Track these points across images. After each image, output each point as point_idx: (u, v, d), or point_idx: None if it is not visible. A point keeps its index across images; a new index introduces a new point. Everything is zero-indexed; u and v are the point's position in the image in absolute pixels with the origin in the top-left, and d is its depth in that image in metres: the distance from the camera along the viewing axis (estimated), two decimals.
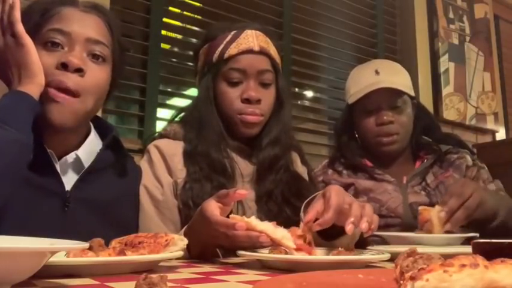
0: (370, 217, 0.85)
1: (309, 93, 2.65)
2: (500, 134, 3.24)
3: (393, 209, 1.40)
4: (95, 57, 0.94)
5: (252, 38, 1.17)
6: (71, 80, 0.89)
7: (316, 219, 0.85)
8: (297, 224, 1.01)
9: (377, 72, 1.44)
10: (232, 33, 1.18)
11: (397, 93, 1.43)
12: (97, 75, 0.94)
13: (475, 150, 1.56)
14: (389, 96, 1.42)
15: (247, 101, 1.15)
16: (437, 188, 1.43)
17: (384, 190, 1.43)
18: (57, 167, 0.94)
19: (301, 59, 2.46)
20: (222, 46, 1.16)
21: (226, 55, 1.16)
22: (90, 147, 1.00)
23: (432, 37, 2.96)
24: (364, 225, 0.83)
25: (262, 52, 1.17)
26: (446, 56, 2.98)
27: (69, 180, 0.95)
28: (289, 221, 1.07)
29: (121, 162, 1.06)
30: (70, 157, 0.96)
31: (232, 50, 1.15)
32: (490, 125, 3.16)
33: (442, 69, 2.92)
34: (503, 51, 3.46)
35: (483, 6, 3.34)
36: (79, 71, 0.90)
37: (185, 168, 1.12)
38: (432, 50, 2.94)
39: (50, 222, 0.90)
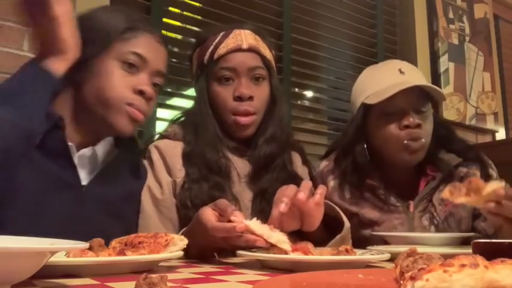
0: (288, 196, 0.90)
1: (309, 93, 2.65)
2: (500, 134, 3.24)
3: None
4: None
5: (240, 37, 1.18)
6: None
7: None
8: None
9: (401, 72, 1.30)
10: (221, 34, 1.19)
11: (425, 96, 1.28)
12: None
13: (493, 166, 1.39)
14: (417, 99, 1.26)
15: (239, 98, 1.16)
16: (447, 221, 1.29)
17: (390, 224, 1.30)
18: (75, 160, 0.95)
19: (301, 59, 2.45)
20: (211, 47, 1.18)
21: (216, 55, 1.17)
22: (107, 144, 1.03)
23: (432, 37, 2.96)
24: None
25: (252, 49, 1.18)
26: (446, 56, 2.98)
27: (83, 174, 0.97)
28: None
29: (134, 162, 1.10)
30: (88, 151, 0.98)
31: (222, 49, 1.17)
32: (490, 125, 3.16)
33: (442, 69, 2.92)
34: (503, 51, 3.46)
35: (483, 6, 3.34)
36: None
37: (184, 169, 1.13)
38: (432, 50, 2.94)
39: (64, 212, 0.91)
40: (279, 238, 0.78)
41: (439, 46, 2.95)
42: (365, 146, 1.32)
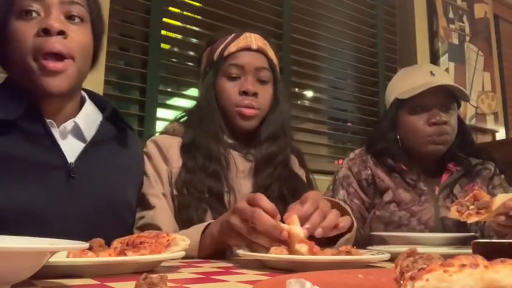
0: (328, 223, 0.84)
1: (309, 93, 2.65)
2: (500, 134, 3.24)
3: (424, 221, 1.38)
4: (71, 18, 0.92)
5: (250, 38, 1.25)
6: (56, 43, 0.87)
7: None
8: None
9: (432, 74, 1.45)
10: (233, 35, 1.26)
11: (451, 97, 1.44)
12: (79, 36, 0.92)
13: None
14: (444, 98, 1.42)
15: (244, 93, 1.20)
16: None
17: (416, 200, 1.41)
18: (57, 135, 0.93)
19: (301, 59, 2.46)
20: (222, 46, 1.24)
21: (226, 53, 1.23)
22: (90, 117, 1.00)
23: (432, 37, 2.96)
24: (317, 231, 0.82)
25: (260, 51, 1.25)
26: (446, 55, 2.98)
27: (71, 150, 0.93)
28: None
29: (122, 135, 1.06)
30: (69, 124, 0.96)
31: (232, 48, 1.23)
32: (490, 125, 3.16)
33: (442, 69, 2.92)
34: (503, 51, 3.45)
35: (483, 6, 3.34)
36: (61, 33, 0.88)
37: (181, 159, 1.17)
38: (432, 50, 2.94)
39: (56, 194, 0.89)
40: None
41: (439, 46, 2.95)
42: (397, 136, 1.49)
